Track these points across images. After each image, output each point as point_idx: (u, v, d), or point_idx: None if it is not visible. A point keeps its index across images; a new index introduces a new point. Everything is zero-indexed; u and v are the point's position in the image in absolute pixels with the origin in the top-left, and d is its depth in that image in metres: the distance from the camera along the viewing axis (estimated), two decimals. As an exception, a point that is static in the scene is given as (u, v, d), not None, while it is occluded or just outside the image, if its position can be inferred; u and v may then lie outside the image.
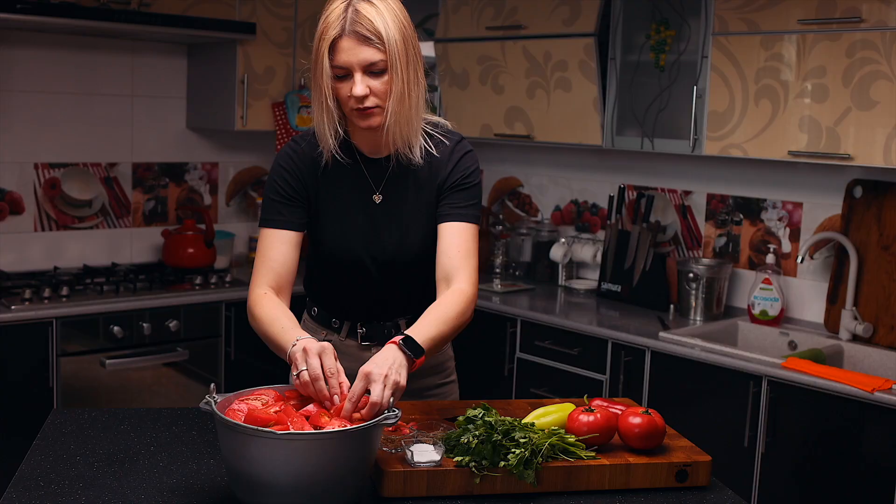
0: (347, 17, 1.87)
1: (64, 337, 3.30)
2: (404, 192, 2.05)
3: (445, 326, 1.91)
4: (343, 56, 1.88)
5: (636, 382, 3.25)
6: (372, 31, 1.87)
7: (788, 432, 2.89)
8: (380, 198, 2.06)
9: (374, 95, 1.90)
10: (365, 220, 2.05)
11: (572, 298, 3.86)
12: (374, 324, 2.14)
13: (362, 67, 1.88)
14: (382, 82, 1.90)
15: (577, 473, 1.79)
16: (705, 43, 3.27)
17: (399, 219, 2.06)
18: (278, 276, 2.01)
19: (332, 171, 2.04)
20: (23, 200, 3.76)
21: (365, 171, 2.05)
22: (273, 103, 3.99)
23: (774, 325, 3.38)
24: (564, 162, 4.19)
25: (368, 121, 1.93)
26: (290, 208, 2.04)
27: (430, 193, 2.06)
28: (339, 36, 1.87)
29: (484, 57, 3.94)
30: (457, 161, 2.06)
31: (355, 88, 1.88)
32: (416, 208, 2.06)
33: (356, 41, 1.87)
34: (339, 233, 2.06)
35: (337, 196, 2.05)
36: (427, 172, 2.05)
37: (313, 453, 1.56)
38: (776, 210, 3.52)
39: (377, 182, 2.06)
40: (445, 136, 2.08)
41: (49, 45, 3.75)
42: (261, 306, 1.96)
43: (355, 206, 2.05)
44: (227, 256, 4.15)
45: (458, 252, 2.01)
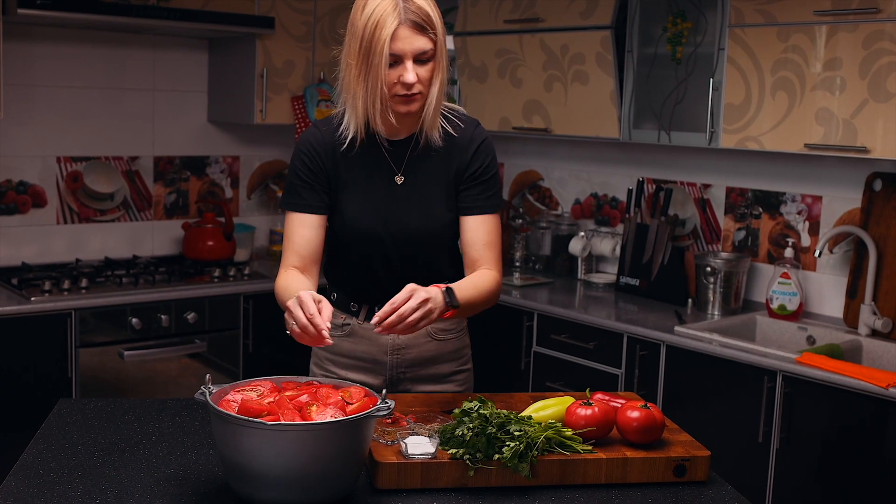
0: (401, 6, 1.93)
1: (83, 328, 3.35)
2: (425, 173, 2.11)
3: (479, 295, 2.05)
4: (398, 44, 1.93)
5: (651, 377, 3.23)
6: (426, 21, 1.95)
7: (804, 428, 2.86)
8: (401, 178, 2.11)
9: (420, 82, 1.97)
10: (386, 201, 2.10)
11: (591, 292, 3.84)
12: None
13: (414, 55, 1.95)
14: (427, 69, 1.98)
15: (572, 467, 1.78)
16: (722, 35, 3.23)
17: (420, 198, 2.11)
18: (302, 258, 2.10)
19: (353, 154, 2.09)
20: (45, 193, 3.81)
21: (386, 153, 2.10)
22: (292, 97, 4.01)
23: (793, 320, 3.34)
24: (584, 155, 4.17)
25: (409, 106, 2.01)
26: (311, 191, 2.10)
27: (448, 174, 2.12)
28: (398, 25, 1.93)
29: (502, 50, 3.93)
30: (476, 148, 2.12)
31: (407, 76, 1.95)
32: (436, 188, 2.11)
33: (412, 30, 1.94)
34: (360, 213, 2.10)
35: (359, 178, 2.10)
36: (446, 154, 2.11)
37: (303, 444, 1.57)
38: (795, 203, 3.48)
39: (398, 163, 2.11)
40: (461, 119, 2.14)
41: (71, 41, 3.79)
42: (279, 282, 2.08)
43: (377, 187, 2.10)
44: (248, 249, 4.18)
45: (483, 244, 2.10)
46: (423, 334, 2.19)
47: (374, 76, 1.95)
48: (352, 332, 2.20)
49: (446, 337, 2.23)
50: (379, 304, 2.11)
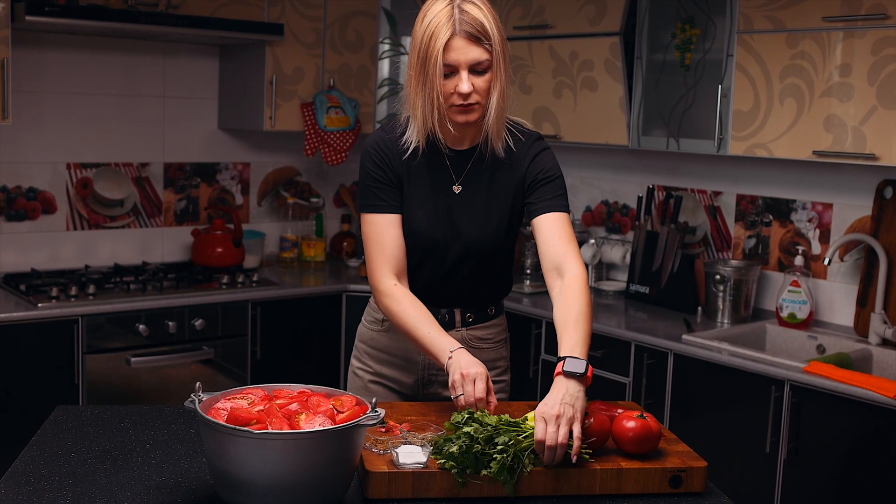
0: (456, 17, 1.95)
1: (90, 335, 3.36)
2: (483, 184, 2.13)
3: (587, 322, 1.97)
4: (453, 55, 1.96)
5: (659, 385, 3.20)
6: (481, 32, 1.96)
7: (812, 438, 2.82)
8: (459, 188, 2.14)
9: (477, 93, 1.99)
10: (445, 209, 2.13)
11: (601, 300, 3.82)
12: (430, 308, 2.14)
13: (469, 66, 1.97)
14: (484, 80, 1.99)
15: (566, 477, 1.76)
16: (730, 41, 3.20)
17: (476, 208, 2.13)
18: (397, 261, 2.11)
19: (415, 161, 2.12)
20: (55, 200, 3.83)
21: (447, 162, 2.13)
22: (302, 104, 4.01)
23: (803, 329, 3.30)
24: (595, 162, 4.14)
25: (467, 116, 2.02)
26: (387, 191, 2.12)
27: (508, 187, 2.14)
28: (451, 35, 1.95)
29: (512, 57, 3.88)
30: (534, 157, 2.14)
31: (462, 86, 1.97)
32: (493, 200, 2.14)
33: (467, 41, 1.96)
34: (419, 218, 2.12)
35: (419, 184, 2.12)
36: (506, 166, 2.14)
37: (289, 453, 1.56)
38: (806, 211, 3.44)
39: (458, 173, 2.14)
40: (523, 133, 2.17)
41: (81, 47, 3.81)
42: (397, 301, 2.08)
43: (436, 195, 2.13)
44: (258, 256, 4.18)
45: (560, 240, 2.07)
46: (459, 339, 2.17)
47: (430, 86, 1.99)
48: (390, 328, 2.23)
49: (481, 346, 2.24)
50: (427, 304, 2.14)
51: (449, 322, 2.20)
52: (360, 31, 4.14)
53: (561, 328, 1.97)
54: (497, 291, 2.26)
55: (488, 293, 2.23)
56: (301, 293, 3.82)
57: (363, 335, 2.33)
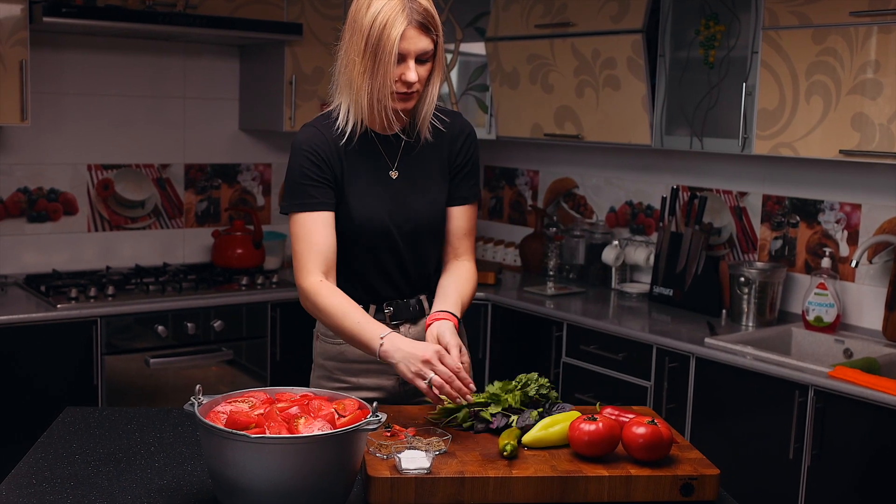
0: (408, 7, 1.96)
1: (109, 336, 3.35)
2: (417, 166, 2.16)
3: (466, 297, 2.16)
4: (404, 44, 1.97)
5: (681, 389, 3.13)
6: (431, 22, 1.99)
7: (836, 445, 2.75)
8: (396, 174, 2.14)
9: (419, 81, 2.02)
10: (386, 193, 2.13)
11: (624, 302, 3.76)
12: (400, 302, 2.19)
13: (416, 55, 1.99)
14: (426, 69, 2.02)
15: (573, 484, 1.72)
16: (755, 38, 3.14)
17: (416, 191, 2.15)
18: (326, 259, 2.07)
19: (353, 149, 2.11)
20: (76, 201, 3.84)
21: (380, 147, 2.13)
22: (322, 104, 3.99)
23: (830, 333, 3.22)
24: (619, 162, 4.08)
25: (406, 103, 2.05)
26: (320, 189, 2.09)
27: (440, 165, 2.18)
28: (406, 25, 1.96)
29: (534, 56, 3.87)
30: (464, 140, 2.19)
31: (409, 74, 1.98)
32: (429, 180, 2.17)
33: (418, 31, 1.97)
34: (367, 205, 2.12)
35: (360, 172, 2.12)
36: (434, 146, 2.16)
37: (287, 457, 1.53)
38: (833, 212, 3.36)
39: (391, 158, 2.14)
40: (444, 112, 2.18)
41: (101, 49, 3.82)
42: (323, 296, 2.04)
43: (376, 181, 2.13)
44: (279, 257, 4.17)
45: (465, 233, 2.21)
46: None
47: (383, 73, 1.98)
48: None
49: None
50: (386, 300, 2.16)
51: (419, 311, 2.21)
52: (382, 30, 4.10)
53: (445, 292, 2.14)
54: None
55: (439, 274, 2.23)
56: (321, 294, 3.79)
57: (328, 352, 2.24)
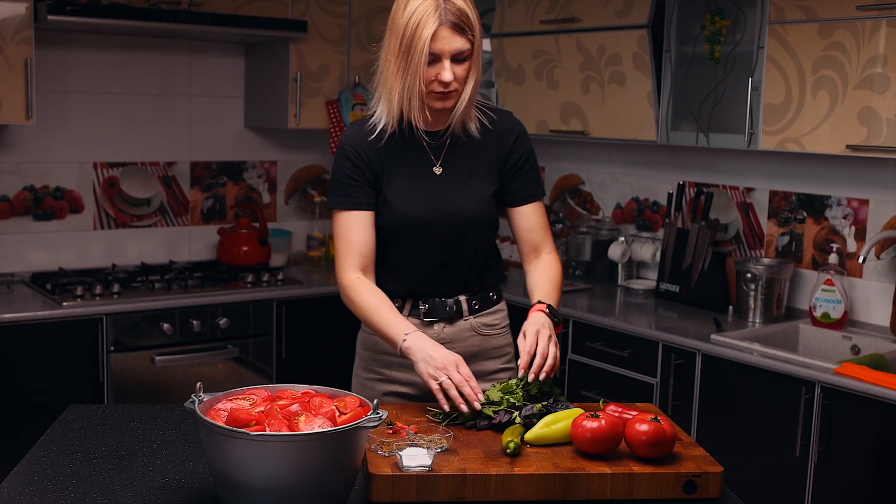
0: (442, 7, 1.99)
1: (115, 334, 3.36)
2: (462, 163, 2.17)
3: (560, 291, 2.21)
4: (438, 44, 2.00)
5: (687, 386, 3.12)
6: (465, 22, 2.01)
7: (844, 442, 2.73)
8: (440, 170, 2.16)
9: (456, 80, 2.04)
10: (429, 189, 2.15)
11: (630, 299, 3.74)
12: (436, 301, 2.20)
13: (452, 55, 2.01)
14: (463, 68, 2.04)
15: (575, 482, 1.71)
16: (761, 32, 3.12)
17: (460, 187, 2.16)
18: (363, 257, 2.14)
19: (394, 147, 2.15)
20: (82, 199, 3.84)
21: (425, 144, 2.15)
22: (327, 101, 3.99)
23: (837, 329, 3.20)
24: (625, 158, 4.07)
25: (445, 102, 2.07)
26: (359, 189, 2.14)
27: (488, 163, 2.18)
28: (438, 25, 1.99)
29: (539, 51, 3.85)
30: (515, 138, 2.21)
31: (444, 74, 2.01)
32: (475, 177, 2.17)
33: (452, 31, 2.00)
34: (409, 202, 2.14)
35: (402, 170, 2.15)
36: (483, 144, 2.18)
37: (287, 455, 1.52)
38: (841, 207, 3.34)
39: (436, 155, 2.16)
40: (494, 111, 2.22)
41: (105, 47, 3.82)
42: (358, 292, 2.12)
43: (419, 177, 2.16)
44: (284, 255, 4.17)
45: (540, 228, 2.23)
46: (468, 328, 2.22)
47: (413, 73, 2.02)
48: None
49: (490, 332, 2.25)
50: (422, 297, 2.19)
51: (456, 312, 2.21)
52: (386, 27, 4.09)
53: (537, 287, 2.18)
54: (494, 274, 2.27)
55: (487, 275, 2.24)
56: (326, 292, 3.79)
57: (366, 342, 2.30)
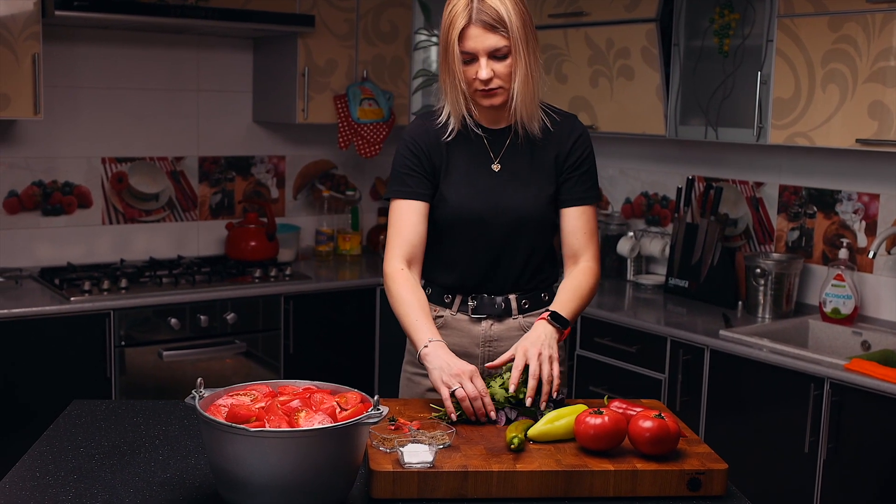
0: (473, 7, 2.02)
1: (123, 329, 3.36)
2: (522, 162, 2.18)
3: (582, 301, 2.16)
4: (470, 43, 2.04)
5: (695, 382, 3.10)
6: (496, 20, 2.02)
7: (853, 439, 2.71)
8: (498, 167, 2.18)
9: (498, 77, 2.05)
10: (486, 185, 2.17)
11: (639, 294, 3.73)
12: (485, 298, 2.21)
13: (487, 53, 2.04)
14: (506, 65, 2.05)
15: (578, 479, 1.70)
16: (770, 26, 3.09)
17: (517, 184, 2.17)
18: (412, 247, 2.17)
19: (455, 143, 2.17)
20: (91, 194, 3.85)
21: (486, 141, 2.18)
22: (335, 96, 3.98)
23: (847, 325, 3.18)
24: (635, 152, 4.04)
25: (491, 100, 2.09)
26: (416, 179, 2.17)
27: (547, 164, 2.18)
28: (466, 25, 2.03)
29: (547, 45, 3.83)
30: (575, 140, 2.20)
31: (480, 73, 2.04)
32: (533, 175, 2.18)
33: (482, 29, 2.02)
34: (465, 197, 2.16)
35: (460, 164, 2.18)
36: (544, 144, 2.18)
37: (286, 451, 1.51)
38: (851, 202, 3.31)
39: (496, 152, 2.18)
40: (559, 114, 2.22)
41: (114, 42, 3.82)
42: (398, 284, 2.14)
43: (477, 173, 2.18)
44: (293, 249, 4.16)
45: (583, 234, 2.19)
46: (516, 327, 2.21)
47: (452, 72, 2.08)
48: (444, 324, 2.23)
49: None
50: (473, 294, 2.21)
51: (505, 310, 2.21)
52: (394, 21, 4.09)
53: (560, 293, 2.16)
54: (547, 275, 2.26)
55: (540, 275, 2.23)
56: (334, 287, 3.79)
57: None
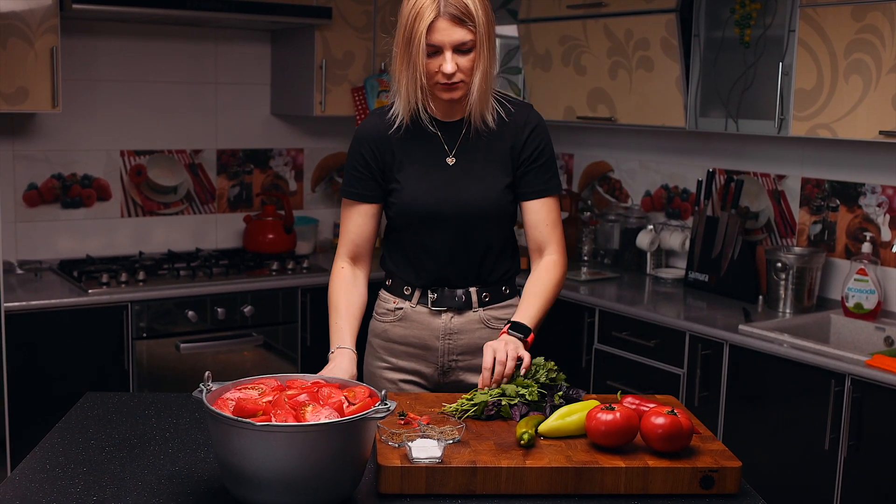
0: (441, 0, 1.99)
1: (140, 321, 3.37)
2: (476, 154, 2.16)
3: (544, 300, 2.16)
4: (437, 36, 2.00)
5: (714, 378, 3.07)
6: (465, 14, 2.00)
7: (874, 436, 2.67)
8: (453, 160, 2.16)
9: (461, 71, 2.04)
10: (440, 179, 2.15)
11: (658, 288, 3.69)
12: (445, 290, 2.21)
13: (453, 46, 2.01)
14: (468, 59, 2.04)
15: (588, 475, 1.67)
16: (792, 16, 3.04)
17: (472, 177, 2.15)
18: (356, 246, 2.22)
19: (409, 137, 2.15)
20: (109, 187, 3.86)
21: (440, 134, 2.15)
22: (352, 88, 3.96)
23: (870, 320, 3.13)
24: (655, 145, 4.00)
25: (451, 94, 2.07)
26: (364, 182, 2.18)
27: (503, 155, 2.16)
28: (435, 18, 2.00)
29: (566, 37, 3.80)
30: (530, 131, 2.17)
31: (445, 66, 2.01)
32: (488, 169, 2.16)
33: (450, 22, 2.00)
34: (417, 192, 2.15)
35: (414, 159, 2.16)
36: (498, 136, 2.16)
37: (293, 445, 1.50)
38: (875, 195, 3.26)
39: (450, 145, 2.16)
40: (513, 103, 2.19)
41: (133, 35, 3.82)
42: (333, 285, 2.22)
43: (431, 167, 2.16)
44: (311, 242, 4.16)
45: (546, 225, 2.18)
46: (477, 320, 2.21)
47: (414, 65, 2.03)
48: (404, 316, 2.24)
49: (500, 325, 2.23)
50: (432, 286, 2.20)
51: (465, 303, 2.21)
52: (413, 13, 4.06)
53: (523, 298, 2.16)
54: (507, 267, 2.25)
55: (500, 267, 2.22)
56: (351, 280, 3.77)
57: (375, 329, 2.31)
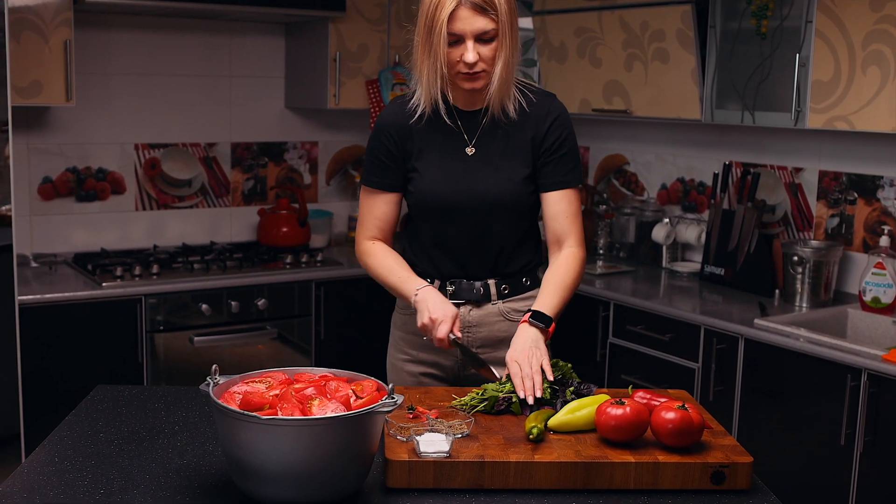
0: None
1: (154, 314, 3.37)
2: (496, 144, 2.15)
3: (565, 291, 2.13)
4: (458, 25, 1.99)
5: (729, 372, 3.04)
6: (487, 2, 1.99)
7: (891, 431, 2.64)
8: (472, 150, 2.15)
9: (482, 61, 2.02)
10: (459, 169, 2.15)
11: (674, 282, 3.66)
12: (463, 283, 2.20)
13: (475, 35, 2.00)
14: (490, 48, 2.02)
15: (598, 470, 1.66)
16: (810, 6, 3.01)
17: (491, 168, 2.14)
18: (382, 230, 2.22)
19: (429, 127, 2.15)
20: (124, 180, 3.86)
21: (460, 124, 2.15)
22: (367, 81, 3.95)
23: (888, 314, 3.09)
24: (670, 137, 3.97)
25: (473, 83, 2.06)
26: (387, 170, 2.18)
27: (523, 145, 2.14)
28: (456, 6, 1.99)
29: (581, 29, 3.77)
30: (552, 121, 2.15)
31: (467, 55, 2.00)
32: (508, 159, 2.15)
33: (472, 11, 1.99)
34: (436, 181, 2.15)
35: (433, 148, 2.15)
36: (520, 126, 2.14)
37: (299, 439, 1.50)
38: (893, 188, 3.22)
39: (470, 135, 2.15)
40: (535, 93, 2.17)
41: (147, 28, 3.82)
42: (374, 255, 2.20)
43: (450, 157, 2.15)
44: (325, 235, 4.15)
45: (565, 217, 2.15)
46: (496, 312, 2.20)
47: (435, 54, 2.02)
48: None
49: (519, 317, 2.21)
50: (451, 278, 2.19)
51: (484, 295, 2.19)
52: (427, 6, 4.04)
53: (543, 288, 2.13)
54: (528, 259, 2.23)
55: (519, 259, 2.21)
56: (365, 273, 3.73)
57: (398, 322, 2.32)
